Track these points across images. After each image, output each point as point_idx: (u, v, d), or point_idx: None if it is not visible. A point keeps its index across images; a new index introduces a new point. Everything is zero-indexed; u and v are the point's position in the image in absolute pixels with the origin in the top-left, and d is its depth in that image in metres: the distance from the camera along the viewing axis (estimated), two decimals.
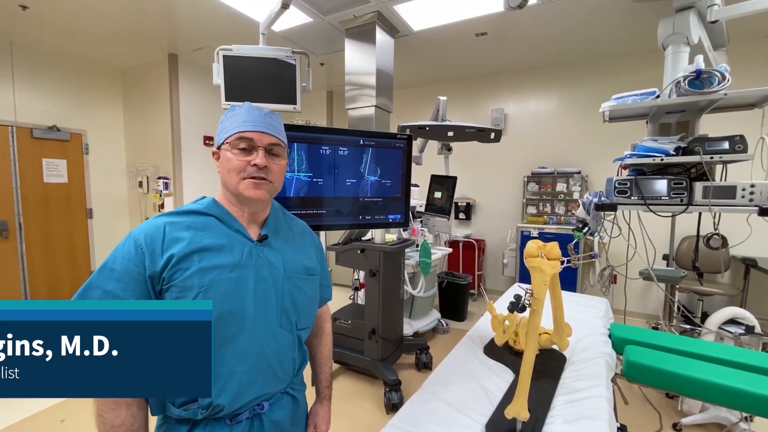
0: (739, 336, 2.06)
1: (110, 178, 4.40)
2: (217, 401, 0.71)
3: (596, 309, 1.83)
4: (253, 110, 0.80)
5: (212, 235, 0.77)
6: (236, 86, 2.21)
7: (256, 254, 0.80)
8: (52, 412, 2.23)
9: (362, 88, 2.99)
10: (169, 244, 0.72)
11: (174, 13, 2.98)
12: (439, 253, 3.41)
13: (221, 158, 0.81)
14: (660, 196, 1.64)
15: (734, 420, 1.95)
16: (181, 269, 0.71)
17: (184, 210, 0.79)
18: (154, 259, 0.71)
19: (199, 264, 0.72)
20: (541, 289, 0.99)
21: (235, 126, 0.78)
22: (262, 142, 0.79)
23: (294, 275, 0.84)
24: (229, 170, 0.78)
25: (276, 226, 0.88)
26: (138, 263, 0.70)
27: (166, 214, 0.77)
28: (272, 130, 0.81)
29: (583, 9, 2.82)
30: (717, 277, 3.38)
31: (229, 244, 0.77)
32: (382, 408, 2.26)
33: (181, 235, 0.74)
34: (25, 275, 3.79)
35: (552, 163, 4.13)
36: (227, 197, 0.83)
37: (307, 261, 0.89)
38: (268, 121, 0.81)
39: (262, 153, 0.78)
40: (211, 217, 0.79)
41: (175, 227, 0.74)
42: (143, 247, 0.71)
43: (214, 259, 0.74)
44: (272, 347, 0.78)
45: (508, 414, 0.92)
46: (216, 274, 0.72)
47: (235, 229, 0.80)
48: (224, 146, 0.80)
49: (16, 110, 3.62)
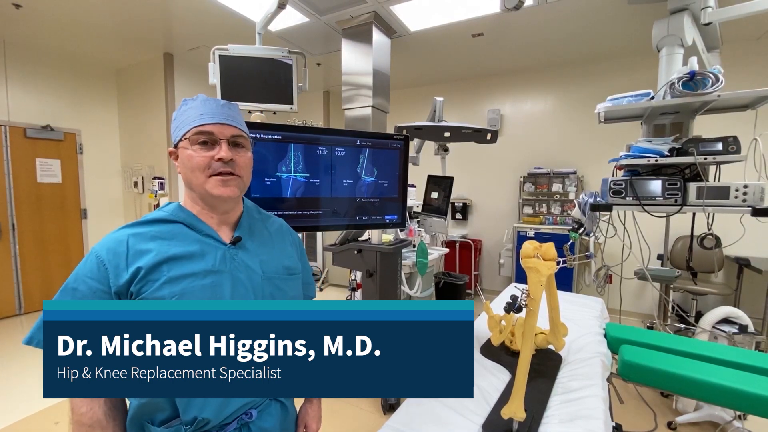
0: (732, 335, 2.08)
1: (105, 179, 4.37)
2: (202, 415, 0.68)
3: (592, 309, 1.84)
4: (209, 102, 0.75)
5: (181, 243, 0.72)
6: (232, 86, 2.21)
7: (231, 258, 0.75)
8: (46, 414, 2.21)
9: (359, 88, 2.98)
10: (134, 257, 0.68)
11: (170, 12, 2.96)
12: (436, 253, 3.41)
13: (180, 157, 0.74)
14: (654, 197, 1.66)
15: (728, 418, 1.96)
16: (150, 281, 0.67)
17: (149, 219, 0.74)
18: (119, 274, 0.66)
19: (168, 273, 0.68)
20: (538, 290, 0.99)
21: (192, 120, 0.73)
22: (223, 135, 0.73)
23: (274, 276, 0.80)
24: (192, 169, 0.72)
25: (250, 227, 0.83)
26: (101, 281, 0.66)
27: (129, 225, 0.72)
28: (233, 121, 0.75)
29: (578, 11, 2.84)
30: (711, 276, 3.41)
31: (200, 251, 0.73)
32: (378, 408, 2.26)
33: (147, 247, 0.69)
34: (19, 276, 3.75)
35: (548, 163, 4.15)
36: (193, 199, 0.77)
37: (288, 260, 0.85)
38: (227, 112, 0.75)
39: (225, 146, 0.73)
40: (177, 223, 0.74)
41: (139, 239, 0.70)
42: (105, 264, 0.67)
43: (184, 268, 0.69)
44: None
45: (504, 414, 0.92)
46: (188, 282, 0.69)
47: (205, 234, 0.75)
48: (182, 143, 0.73)
49: (9, 110, 3.58)
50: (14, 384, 2.53)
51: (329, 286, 4.95)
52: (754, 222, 1.58)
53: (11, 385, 2.52)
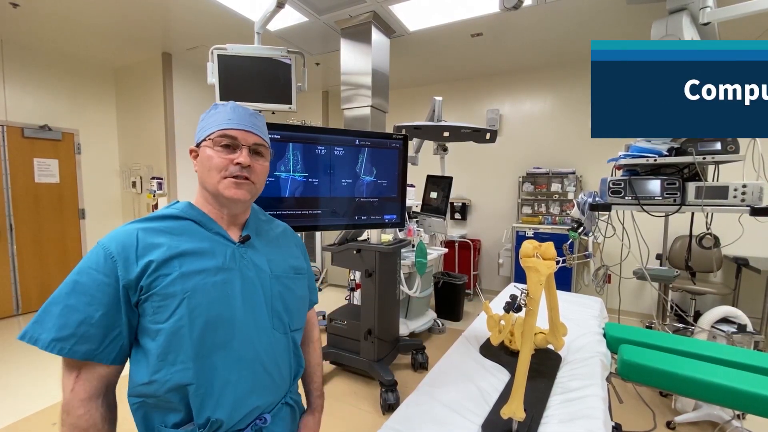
0: (731, 334, 2.08)
1: (103, 179, 4.36)
2: (215, 416, 0.67)
3: (591, 308, 1.84)
4: (238, 109, 0.77)
5: (191, 239, 0.72)
6: (231, 86, 2.20)
7: (240, 256, 0.76)
8: (45, 415, 2.20)
9: (358, 88, 2.98)
10: (145, 250, 0.67)
11: (168, 11, 2.96)
12: (435, 253, 3.41)
13: (200, 156, 0.76)
14: (653, 196, 1.66)
15: (727, 418, 1.97)
16: (161, 276, 0.66)
17: (158, 215, 0.74)
18: (128, 267, 0.65)
19: (180, 269, 0.67)
20: (537, 289, 0.99)
21: (219, 123, 0.75)
22: (246, 141, 0.75)
23: (282, 275, 0.81)
24: (210, 168, 0.74)
25: (257, 228, 0.84)
26: (108, 273, 0.64)
27: (138, 220, 0.72)
28: (257, 130, 0.78)
29: (577, 10, 2.84)
30: (709, 276, 3.42)
31: (210, 248, 0.73)
32: (378, 409, 2.26)
33: (158, 241, 0.68)
34: (16, 276, 3.74)
35: (547, 163, 4.15)
36: (205, 197, 0.78)
37: (294, 260, 0.87)
38: (253, 121, 0.78)
39: (246, 151, 0.75)
40: (188, 221, 0.75)
41: (149, 233, 0.69)
42: (114, 256, 0.65)
43: (196, 264, 0.69)
44: (267, 351, 0.75)
45: (504, 414, 0.92)
46: (200, 279, 0.68)
47: (215, 232, 0.76)
48: (205, 143, 0.75)
49: (7, 109, 3.57)
50: (12, 384, 2.52)
51: (328, 286, 4.95)
52: (752, 222, 1.58)
53: (9, 385, 2.51)
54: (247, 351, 0.72)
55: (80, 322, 0.62)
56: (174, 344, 0.65)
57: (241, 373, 0.70)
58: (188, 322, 0.65)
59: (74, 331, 0.62)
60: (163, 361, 0.65)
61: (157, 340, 0.65)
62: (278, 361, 0.77)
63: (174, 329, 0.65)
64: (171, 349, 0.65)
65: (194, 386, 0.66)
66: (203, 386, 0.67)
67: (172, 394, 0.66)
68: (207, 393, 0.67)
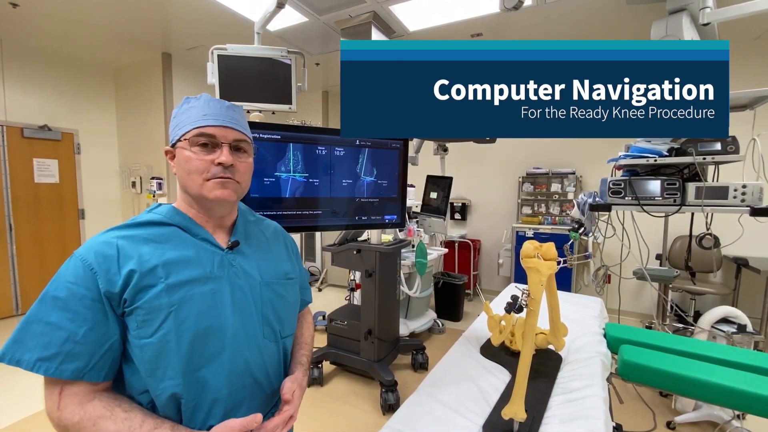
0: (731, 334, 2.08)
1: (103, 179, 4.35)
2: (207, 425, 0.65)
3: (591, 309, 1.84)
4: (213, 102, 0.71)
5: (176, 247, 0.67)
6: (231, 86, 2.20)
7: (229, 264, 0.72)
8: (43, 415, 2.19)
9: None
10: (126, 261, 0.62)
11: (168, 11, 2.95)
12: (435, 253, 3.41)
13: (177, 157, 0.71)
14: (653, 197, 1.66)
15: (727, 418, 1.97)
16: (145, 288, 0.62)
17: (140, 221, 0.68)
18: (110, 279, 0.60)
19: (166, 280, 0.63)
20: (538, 290, 0.99)
21: (194, 120, 0.69)
22: (226, 138, 0.69)
23: (273, 282, 0.77)
24: (189, 171, 0.69)
25: (246, 231, 0.80)
26: (88, 286, 0.60)
27: (118, 227, 0.66)
28: (236, 125, 0.71)
29: (577, 11, 2.84)
30: (709, 276, 3.42)
31: (197, 256, 0.68)
32: (378, 409, 2.26)
33: (140, 251, 0.64)
34: (16, 277, 3.74)
35: (546, 163, 4.15)
36: (188, 202, 0.73)
37: (285, 265, 0.83)
38: (232, 115, 0.71)
39: (227, 150, 0.69)
40: (172, 226, 0.70)
41: (130, 241, 0.64)
42: (93, 267, 0.60)
43: (182, 274, 0.65)
44: (257, 362, 0.71)
45: (505, 414, 0.92)
46: (187, 290, 0.64)
47: (201, 238, 0.71)
48: (181, 143, 0.69)
49: (6, 109, 3.57)
50: (12, 385, 2.51)
51: (328, 286, 4.94)
52: (752, 222, 1.58)
53: (9, 385, 2.50)
54: (238, 363, 0.68)
55: (65, 339, 0.58)
56: (162, 360, 0.62)
57: (231, 387, 0.67)
58: (175, 337, 0.62)
59: (59, 349, 0.57)
60: (152, 377, 0.62)
61: (144, 355, 0.62)
62: (269, 371, 0.74)
63: (161, 344, 0.61)
64: (159, 364, 0.62)
65: (184, 400, 0.64)
66: (193, 400, 0.64)
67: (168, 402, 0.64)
68: (197, 407, 0.65)
